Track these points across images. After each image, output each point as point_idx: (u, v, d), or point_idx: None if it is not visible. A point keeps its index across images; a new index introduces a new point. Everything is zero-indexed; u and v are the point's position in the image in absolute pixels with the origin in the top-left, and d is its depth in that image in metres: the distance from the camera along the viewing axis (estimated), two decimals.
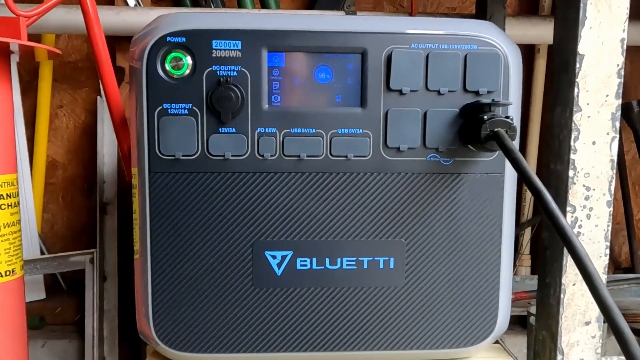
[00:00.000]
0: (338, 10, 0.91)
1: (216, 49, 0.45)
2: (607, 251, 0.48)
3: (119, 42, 0.91)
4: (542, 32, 0.92)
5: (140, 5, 0.89)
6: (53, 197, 1.01)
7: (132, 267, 0.50)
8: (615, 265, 1.12)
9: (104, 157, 0.88)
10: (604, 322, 0.50)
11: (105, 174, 0.89)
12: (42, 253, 0.94)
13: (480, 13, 0.81)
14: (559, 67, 0.49)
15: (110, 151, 0.89)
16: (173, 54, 0.45)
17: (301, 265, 0.48)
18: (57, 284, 0.98)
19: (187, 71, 0.45)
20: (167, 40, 0.44)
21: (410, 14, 0.95)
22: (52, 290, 0.97)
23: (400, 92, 0.46)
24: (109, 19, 0.81)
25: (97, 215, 0.87)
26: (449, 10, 1.04)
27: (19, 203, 0.56)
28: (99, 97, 0.91)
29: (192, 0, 0.94)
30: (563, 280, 0.48)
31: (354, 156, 0.47)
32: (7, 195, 0.54)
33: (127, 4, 0.89)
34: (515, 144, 0.45)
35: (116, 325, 0.83)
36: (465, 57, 0.46)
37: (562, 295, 0.48)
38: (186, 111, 0.45)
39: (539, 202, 0.35)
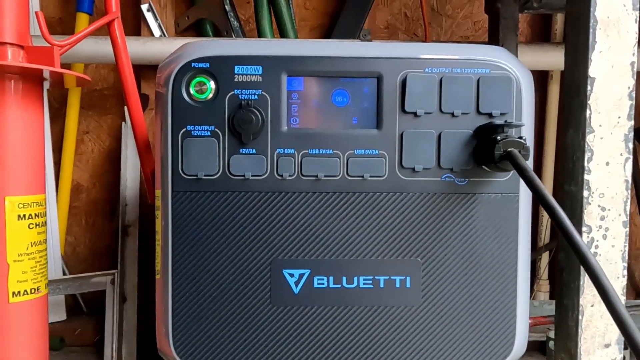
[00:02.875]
0: (354, 39, 0.94)
1: (238, 74, 0.47)
2: (625, 272, 0.48)
3: (143, 70, 0.95)
4: (554, 58, 0.94)
5: (165, 35, 0.93)
6: (76, 220, 1.03)
7: (150, 288, 0.51)
8: (636, 292, 1.10)
9: (126, 181, 0.91)
10: (625, 347, 0.49)
11: (128, 197, 0.91)
12: (64, 274, 0.96)
13: (493, 40, 0.83)
14: (570, 90, 0.50)
15: (133, 175, 0.92)
16: (197, 79, 0.47)
17: (318, 284, 0.49)
18: (78, 305, 1.00)
19: (211, 95, 0.47)
20: (192, 65, 0.47)
21: (424, 42, 0.97)
22: (72, 312, 0.98)
23: (415, 114, 0.48)
24: (136, 48, 0.85)
25: (119, 237, 0.88)
26: (462, 39, 1.06)
27: (46, 223, 0.59)
28: (123, 123, 0.95)
29: (213, 31, 0.98)
30: (581, 302, 0.48)
31: (370, 176, 0.48)
32: (35, 215, 0.56)
33: (152, 35, 0.93)
34: (529, 165, 0.46)
35: (135, 347, 0.83)
36: (478, 80, 0.48)
37: (580, 317, 0.48)
38: (209, 133, 0.47)
39: (552, 218, 0.35)
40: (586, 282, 0.48)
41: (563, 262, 0.51)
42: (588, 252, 0.32)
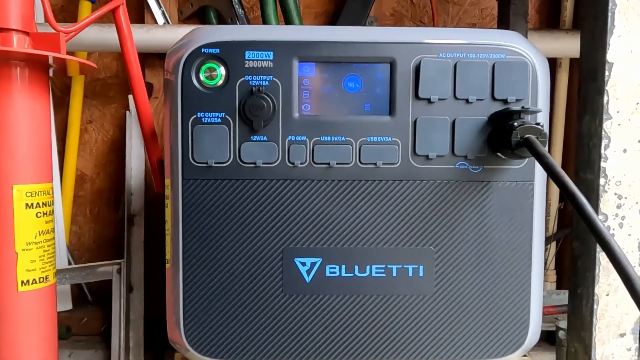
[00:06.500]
0: (361, 27, 0.93)
1: (249, 60, 0.46)
2: None
3: (148, 59, 0.93)
4: (564, 45, 0.92)
5: (169, 23, 0.92)
6: (81, 209, 1.03)
7: (157, 277, 0.51)
8: None
9: (131, 170, 0.90)
10: None
11: (133, 186, 0.91)
12: (69, 264, 0.96)
13: (503, 26, 0.82)
14: (587, 75, 0.49)
15: (137, 164, 0.91)
16: (207, 65, 0.46)
17: (330, 272, 0.48)
18: (83, 295, 1.00)
19: (221, 81, 0.46)
20: (202, 51, 0.46)
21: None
22: (78, 301, 0.98)
23: (429, 100, 0.47)
24: (140, 36, 0.83)
25: (125, 227, 0.88)
26: (469, 26, 1.05)
27: (53, 212, 0.58)
28: (127, 112, 0.94)
29: (217, 19, 0.97)
30: (596, 291, 0.48)
31: (383, 164, 0.47)
32: (42, 203, 0.56)
33: (156, 22, 0.92)
34: None
35: (142, 335, 0.83)
36: (493, 66, 0.47)
37: (595, 306, 0.48)
38: (219, 120, 0.46)
39: (574, 205, 0.35)
40: (601, 272, 0.47)
41: (577, 251, 0.50)
42: (612, 240, 0.31)
